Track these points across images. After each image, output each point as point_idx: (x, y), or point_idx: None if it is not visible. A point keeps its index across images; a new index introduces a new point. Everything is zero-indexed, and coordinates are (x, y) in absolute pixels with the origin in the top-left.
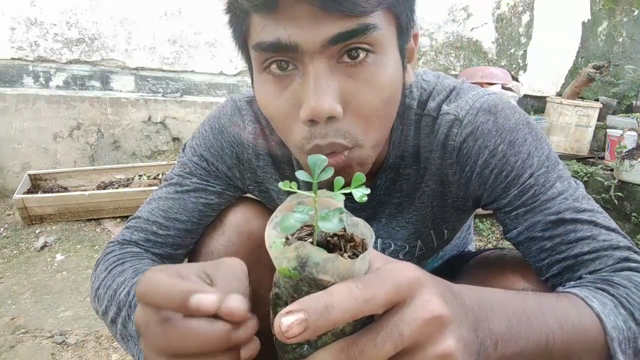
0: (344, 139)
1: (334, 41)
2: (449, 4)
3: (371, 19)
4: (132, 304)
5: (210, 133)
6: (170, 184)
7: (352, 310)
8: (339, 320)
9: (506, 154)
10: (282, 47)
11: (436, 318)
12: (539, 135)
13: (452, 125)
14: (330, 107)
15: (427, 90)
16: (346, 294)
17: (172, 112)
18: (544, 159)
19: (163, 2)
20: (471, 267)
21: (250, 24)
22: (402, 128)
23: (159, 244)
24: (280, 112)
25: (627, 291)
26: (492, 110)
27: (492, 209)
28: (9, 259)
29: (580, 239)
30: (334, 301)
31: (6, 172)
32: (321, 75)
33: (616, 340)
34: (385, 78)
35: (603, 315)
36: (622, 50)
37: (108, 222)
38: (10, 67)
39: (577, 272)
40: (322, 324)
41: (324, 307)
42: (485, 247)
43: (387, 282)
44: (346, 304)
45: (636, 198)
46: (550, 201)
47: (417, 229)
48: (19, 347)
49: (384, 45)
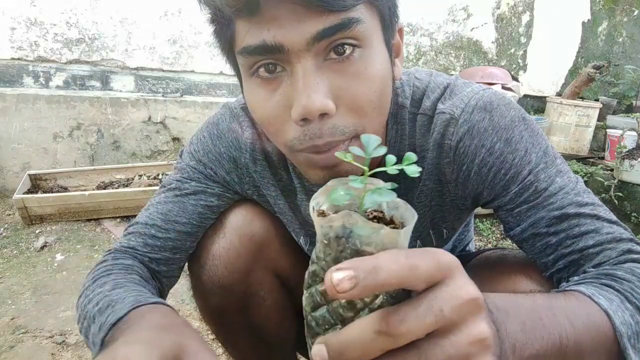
0: (342, 135)
1: (318, 38)
2: (449, 4)
3: (354, 13)
4: (94, 316)
5: (209, 139)
6: (168, 189)
7: (397, 275)
8: (385, 282)
9: (503, 151)
10: (268, 49)
11: (473, 300)
12: (535, 130)
13: (448, 124)
14: (322, 104)
15: (420, 89)
16: (393, 259)
17: (172, 112)
18: (542, 154)
19: (163, 2)
20: (472, 268)
21: (235, 30)
22: (397, 127)
23: (157, 247)
24: (271, 114)
25: (631, 285)
26: (488, 108)
27: (492, 207)
28: (9, 259)
29: (585, 233)
30: (382, 263)
31: (6, 172)
32: (310, 73)
33: (625, 336)
34: (374, 71)
35: (611, 312)
36: (622, 50)
37: (108, 222)
38: (10, 67)
39: (582, 266)
40: (370, 284)
41: (373, 267)
42: (485, 247)
43: (429, 257)
44: (392, 268)
45: (636, 198)
46: (552, 196)
47: (415, 228)
48: (19, 347)
49: (370, 39)
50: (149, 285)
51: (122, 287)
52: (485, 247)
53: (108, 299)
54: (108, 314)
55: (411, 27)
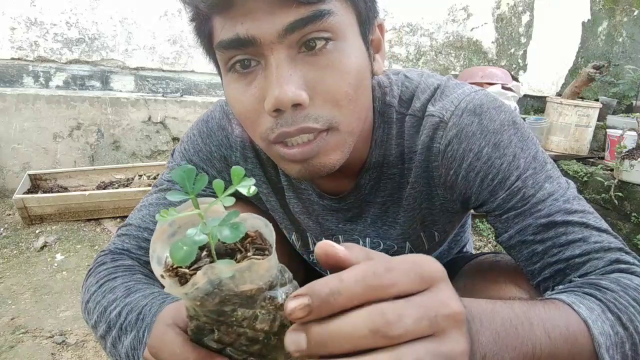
0: (315, 123)
1: (290, 29)
2: (449, 4)
3: (325, 6)
4: (122, 327)
5: (199, 137)
6: (160, 190)
7: (360, 297)
8: (346, 305)
9: (491, 156)
10: (241, 43)
11: (453, 315)
12: (525, 135)
13: (437, 127)
14: (294, 94)
15: (410, 89)
16: (358, 280)
17: (172, 112)
18: (531, 159)
19: (163, 2)
20: (466, 272)
21: (212, 26)
22: (383, 127)
23: None
24: (247, 108)
25: (615, 295)
26: (477, 111)
27: (482, 212)
28: (9, 259)
29: (572, 242)
30: (342, 288)
31: (6, 172)
32: (282, 65)
33: (604, 347)
34: (349, 63)
35: (590, 322)
36: (622, 50)
37: (108, 222)
38: (10, 67)
39: (568, 275)
40: (326, 309)
41: (329, 292)
42: (485, 246)
43: (410, 269)
44: (356, 290)
45: (636, 198)
46: (540, 203)
47: (404, 230)
48: (19, 347)
49: (343, 31)
50: (155, 282)
51: (136, 292)
52: (482, 251)
53: (129, 308)
54: (142, 330)
55: (411, 27)
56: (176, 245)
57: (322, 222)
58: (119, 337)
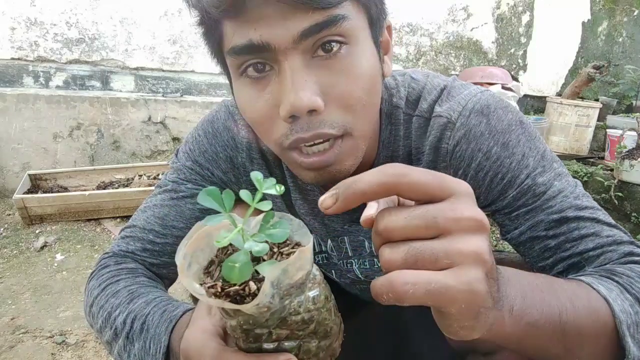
0: (331, 129)
1: (305, 35)
2: (449, 4)
3: (339, 10)
4: (129, 336)
5: (204, 138)
6: (164, 191)
7: (378, 182)
8: (366, 189)
9: (500, 156)
10: (255, 48)
11: (476, 219)
12: (532, 134)
13: (445, 128)
14: (310, 100)
15: (416, 90)
16: (376, 172)
17: (172, 112)
18: (540, 158)
19: (163, 2)
20: None
21: (223, 31)
22: (390, 128)
23: (156, 252)
24: (261, 113)
25: (630, 280)
26: (485, 112)
27: (489, 211)
28: (9, 259)
29: (585, 236)
30: (363, 175)
31: (6, 172)
32: (297, 70)
33: (625, 324)
34: (362, 68)
35: (610, 299)
36: (622, 50)
37: (108, 222)
38: (10, 67)
39: (582, 268)
40: (350, 195)
41: (352, 180)
42: None
43: (432, 175)
44: (373, 176)
45: (636, 198)
46: (551, 200)
47: None
48: (19, 347)
49: (357, 36)
50: (158, 284)
51: (139, 297)
52: None
53: (133, 315)
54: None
55: (411, 27)
56: (228, 265)
57: (328, 223)
58: (125, 346)
